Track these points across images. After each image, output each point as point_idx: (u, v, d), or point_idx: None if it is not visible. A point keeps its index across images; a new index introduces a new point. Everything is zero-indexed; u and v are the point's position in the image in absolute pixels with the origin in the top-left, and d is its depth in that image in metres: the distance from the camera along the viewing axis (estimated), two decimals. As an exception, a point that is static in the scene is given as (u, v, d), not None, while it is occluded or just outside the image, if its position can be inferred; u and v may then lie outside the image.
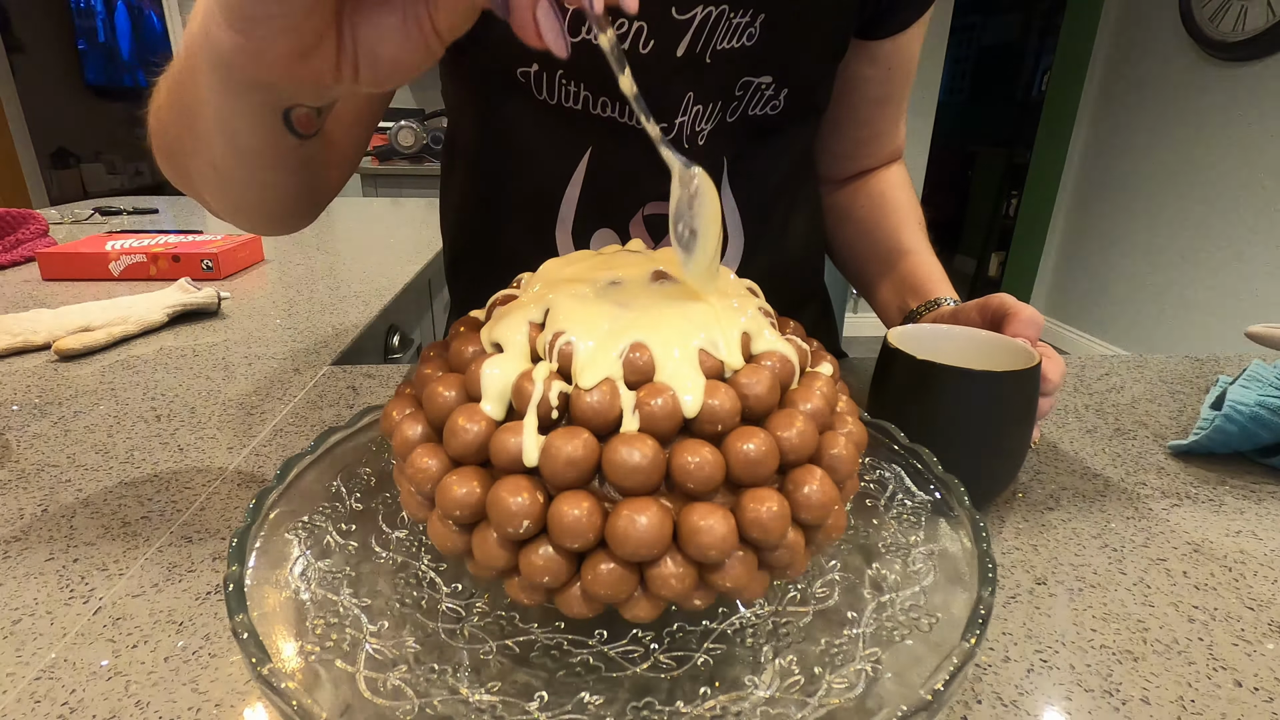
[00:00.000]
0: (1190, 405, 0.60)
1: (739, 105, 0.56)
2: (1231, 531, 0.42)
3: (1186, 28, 2.59)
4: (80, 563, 0.37)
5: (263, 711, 0.28)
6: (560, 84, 0.53)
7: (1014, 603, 0.35)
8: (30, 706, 0.28)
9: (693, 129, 0.55)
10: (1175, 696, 0.30)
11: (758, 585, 0.25)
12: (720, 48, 0.52)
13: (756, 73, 0.54)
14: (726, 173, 0.59)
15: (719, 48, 0.52)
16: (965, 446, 0.40)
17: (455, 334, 0.30)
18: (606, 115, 0.54)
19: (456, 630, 0.28)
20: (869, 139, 0.69)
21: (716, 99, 0.54)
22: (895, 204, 0.67)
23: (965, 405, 0.39)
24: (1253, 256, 2.39)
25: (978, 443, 0.40)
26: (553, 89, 0.54)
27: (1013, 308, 0.44)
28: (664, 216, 0.57)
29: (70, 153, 4.81)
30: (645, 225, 0.58)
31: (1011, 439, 0.41)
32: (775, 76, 0.55)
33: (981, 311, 0.47)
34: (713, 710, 0.24)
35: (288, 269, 1.04)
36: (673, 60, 0.52)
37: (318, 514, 0.32)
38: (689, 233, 0.28)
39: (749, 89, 0.55)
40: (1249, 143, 2.39)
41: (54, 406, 0.56)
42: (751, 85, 0.55)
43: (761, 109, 0.56)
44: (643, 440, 0.23)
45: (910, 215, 0.67)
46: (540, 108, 0.55)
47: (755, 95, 0.55)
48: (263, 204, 0.47)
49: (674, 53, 0.52)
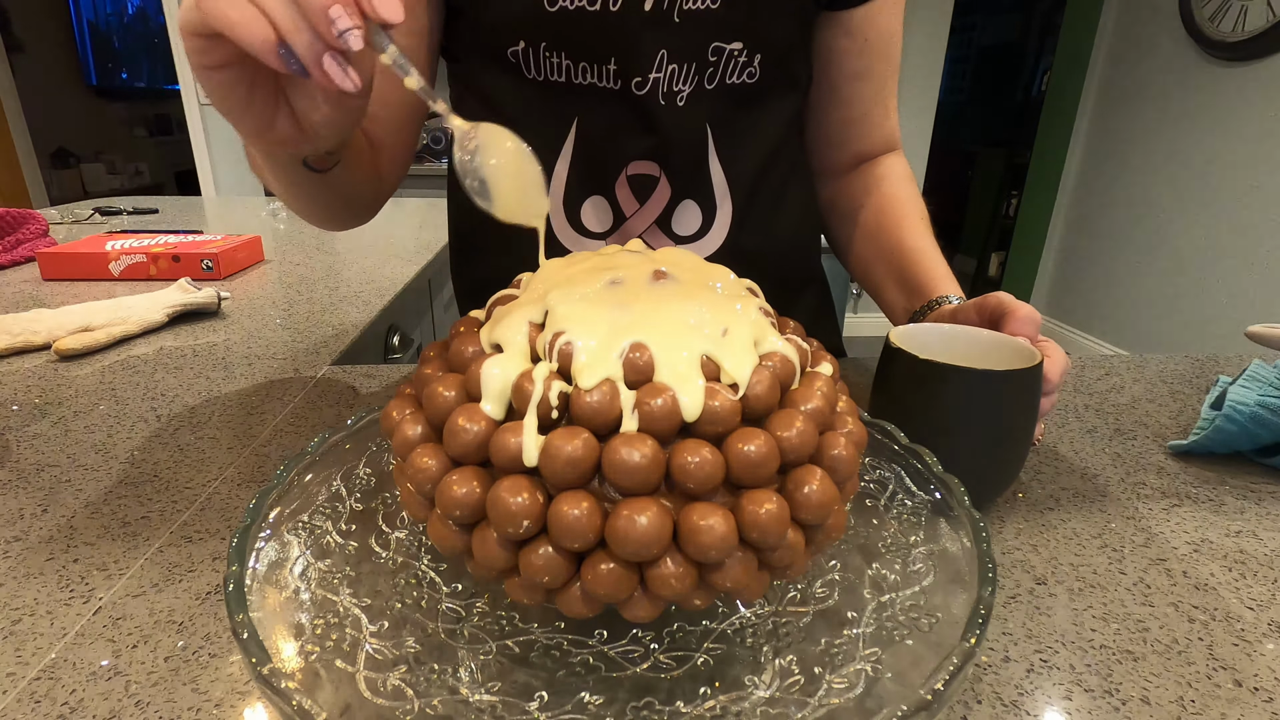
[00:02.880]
0: (1190, 405, 0.60)
1: (715, 72, 0.57)
2: (1231, 531, 0.42)
3: (1186, 28, 2.59)
4: (80, 563, 0.37)
5: (263, 711, 0.28)
6: (545, 58, 0.56)
7: (1014, 603, 0.35)
8: (30, 706, 0.28)
9: (669, 88, 0.57)
10: (1175, 696, 0.30)
11: (758, 585, 0.25)
12: (687, 8, 0.54)
13: (726, 38, 0.56)
14: (712, 142, 0.60)
15: (686, 8, 0.54)
16: (967, 446, 0.40)
17: (455, 334, 0.30)
18: (588, 83, 0.57)
19: (456, 630, 0.28)
20: (855, 120, 0.68)
21: (690, 61, 0.56)
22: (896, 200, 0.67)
23: (967, 404, 0.39)
24: (1253, 256, 2.39)
25: (980, 442, 0.40)
26: (540, 65, 0.56)
27: (1010, 306, 0.45)
28: (646, 176, 0.60)
29: (70, 153, 4.81)
30: (630, 186, 0.60)
31: (1013, 438, 0.41)
32: (746, 43, 0.57)
33: (979, 310, 0.47)
34: (713, 710, 0.24)
35: (288, 269, 1.04)
36: (640, 14, 0.54)
37: (318, 514, 0.32)
38: (478, 183, 0.33)
39: (722, 55, 0.57)
40: (1249, 143, 2.39)
41: (54, 406, 0.56)
42: (724, 52, 0.57)
43: (738, 77, 0.58)
44: (643, 440, 0.23)
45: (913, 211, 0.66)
46: (529, 86, 0.57)
47: (730, 63, 0.57)
48: (315, 214, 0.59)
49: (641, 6, 0.54)
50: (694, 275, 0.31)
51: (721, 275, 0.32)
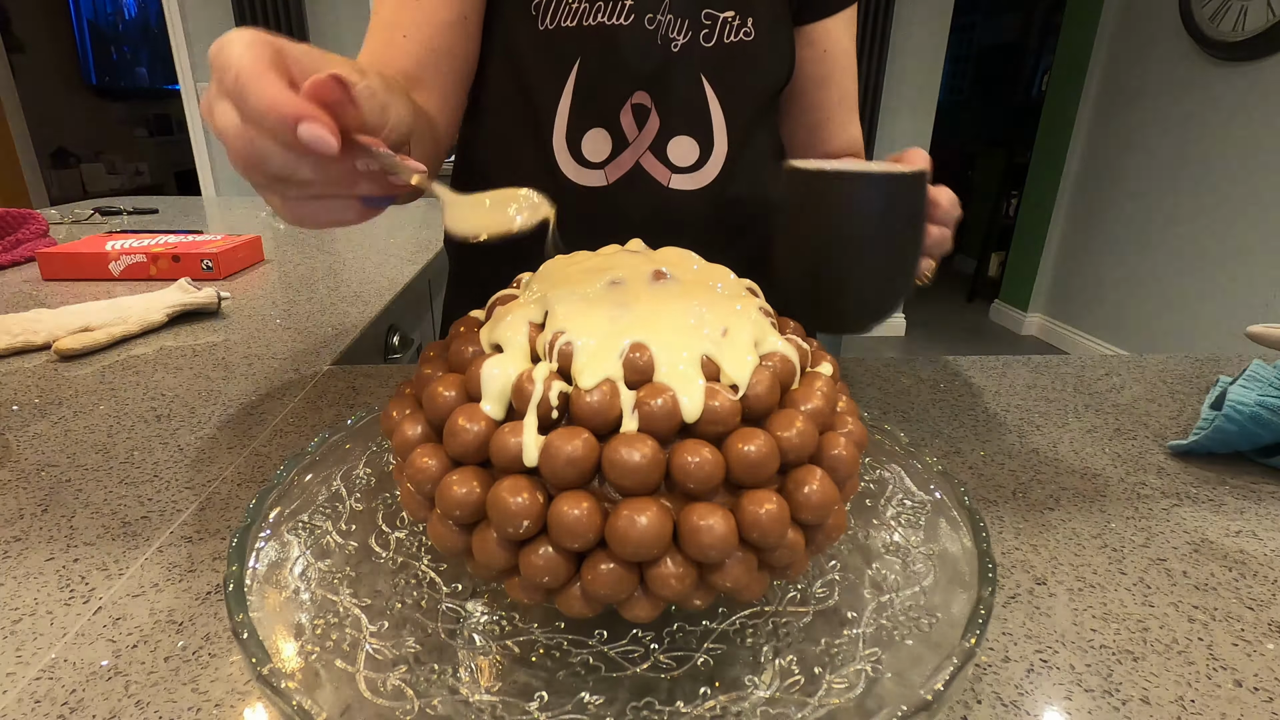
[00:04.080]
0: (1190, 405, 0.60)
1: (711, 34, 0.62)
2: (1231, 531, 0.42)
3: (1186, 28, 2.59)
4: (80, 563, 0.37)
5: (263, 711, 0.28)
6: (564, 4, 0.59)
7: (1014, 603, 0.35)
8: (30, 706, 0.28)
9: (665, 35, 0.61)
10: (1175, 696, 0.30)
11: (758, 585, 0.25)
12: None
13: (719, 6, 0.61)
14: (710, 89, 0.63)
15: None
16: (853, 254, 0.41)
17: (455, 334, 0.30)
18: (597, 23, 0.60)
19: (456, 630, 0.28)
20: (819, 124, 0.73)
21: (686, 15, 0.61)
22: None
23: (852, 211, 0.40)
24: (1253, 256, 2.39)
25: (867, 249, 0.41)
26: (555, 13, 0.60)
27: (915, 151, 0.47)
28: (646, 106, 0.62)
29: (70, 153, 4.81)
30: (633, 115, 0.63)
31: (899, 248, 0.42)
32: (738, 10, 0.61)
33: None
34: (713, 710, 0.24)
35: (288, 269, 1.04)
36: None
37: (318, 514, 0.32)
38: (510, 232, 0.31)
39: (716, 21, 0.61)
40: (1249, 143, 2.39)
41: (54, 406, 0.56)
42: (718, 20, 0.61)
43: (735, 36, 0.62)
44: (643, 440, 0.23)
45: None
46: (540, 35, 0.61)
47: (725, 27, 0.62)
48: None
49: None
50: (694, 275, 0.31)
51: (721, 275, 0.32)
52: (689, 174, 0.65)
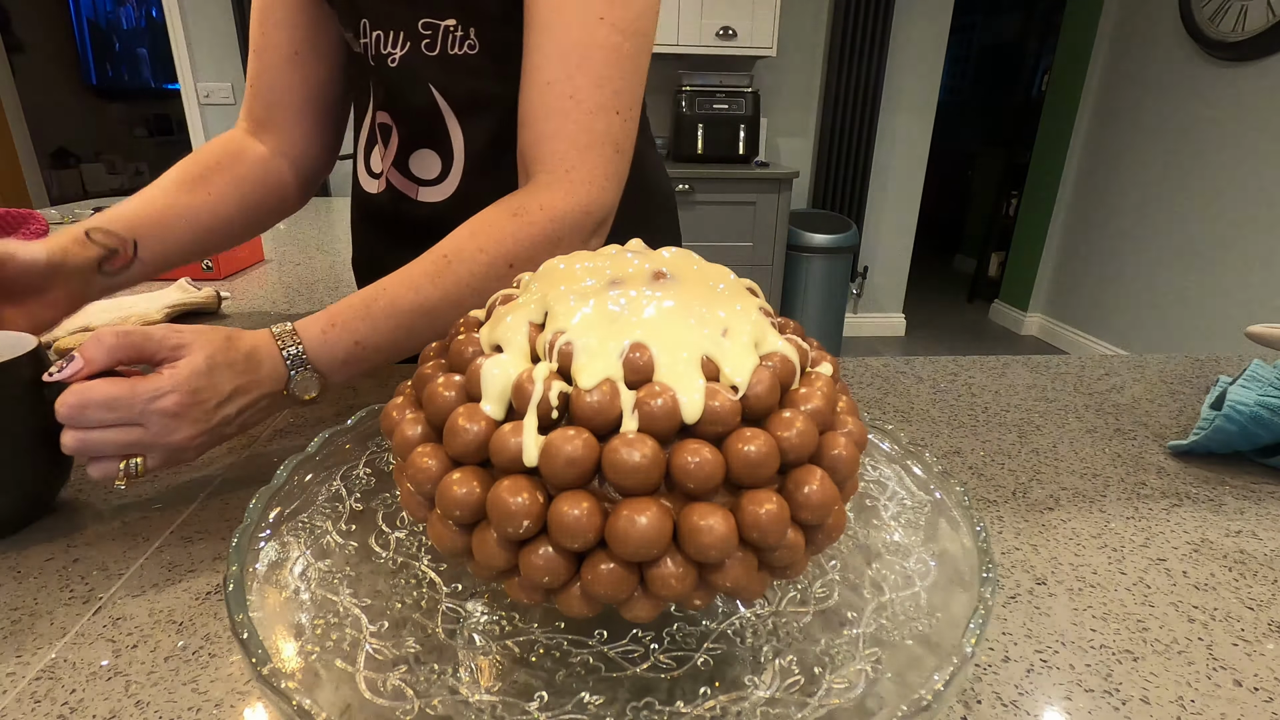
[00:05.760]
0: (1190, 405, 0.60)
1: (434, 43, 0.60)
2: (1231, 531, 0.42)
3: (1186, 28, 2.59)
4: (80, 563, 0.37)
5: (263, 711, 0.28)
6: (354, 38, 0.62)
7: (1014, 603, 0.35)
8: (30, 706, 0.28)
9: (379, 51, 0.60)
10: (1175, 696, 0.30)
11: (758, 585, 0.25)
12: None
13: (439, 14, 0.58)
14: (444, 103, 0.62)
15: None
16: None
17: (455, 334, 0.30)
18: (357, 51, 0.63)
19: (456, 630, 0.28)
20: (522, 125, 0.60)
21: (398, 30, 0.59)
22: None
23: None
24: (1253, 256, 2.38)
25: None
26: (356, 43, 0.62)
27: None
28: (389, 125, 0.64)
29: (70, 153, 4.81)
30: (379, 134, 0.66)
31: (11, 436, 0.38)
32: (459, 19, 0.58)
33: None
34: (713, 710, 0.24)
35: (288, 269, 1.04)
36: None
37: (318, 514, 0.32)
38: None
39: (437, 30, 0.59)
40: (1249, 143, 2.39)
41: (54, 406, 0.56)
42: (438, 27, 0.59)
43: (459, 49, 0.60)
44: (643, 440, 0.23)
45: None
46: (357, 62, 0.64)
47: (447, 36, 0.59)
48: None
49: None
50: (694, 275, 0.31)
51: (722, 275, 0.32)
52: (433, 186, 0.65)
